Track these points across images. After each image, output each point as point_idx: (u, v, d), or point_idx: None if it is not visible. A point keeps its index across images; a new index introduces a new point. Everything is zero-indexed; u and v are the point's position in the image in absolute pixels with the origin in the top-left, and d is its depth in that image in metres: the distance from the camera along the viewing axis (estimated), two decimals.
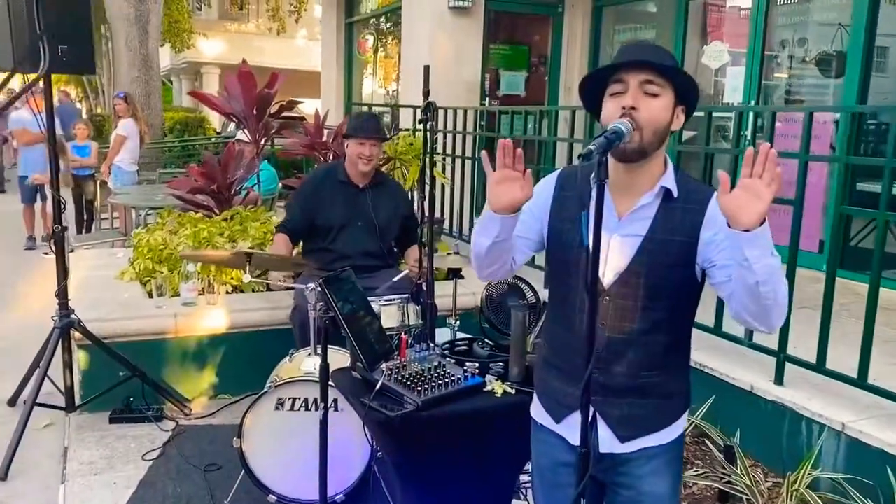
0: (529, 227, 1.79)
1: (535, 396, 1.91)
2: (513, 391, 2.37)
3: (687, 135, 6.39)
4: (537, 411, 1.89)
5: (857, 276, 4.77)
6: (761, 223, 1.42)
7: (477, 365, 2.51)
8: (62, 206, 3.72)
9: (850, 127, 3.44)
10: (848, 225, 5.12)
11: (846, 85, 5.51)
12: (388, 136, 4.06)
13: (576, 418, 1.73)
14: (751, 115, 4.72)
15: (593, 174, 1.43)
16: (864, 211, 3.93)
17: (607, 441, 1.73)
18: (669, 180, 1.67)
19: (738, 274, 1.49)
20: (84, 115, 17.22)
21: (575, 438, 1.72)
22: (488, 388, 2.40)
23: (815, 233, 5.48)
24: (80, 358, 3.84)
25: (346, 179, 3.84)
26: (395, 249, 4.02)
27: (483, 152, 1.65)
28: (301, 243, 3.98)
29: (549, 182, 1.82)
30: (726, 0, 6.86)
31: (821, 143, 5.24)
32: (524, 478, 2.82)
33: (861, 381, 3.01)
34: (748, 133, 4.95)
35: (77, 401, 3.84)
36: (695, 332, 1.83)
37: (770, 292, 1.47)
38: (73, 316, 3.73)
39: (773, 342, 3.26)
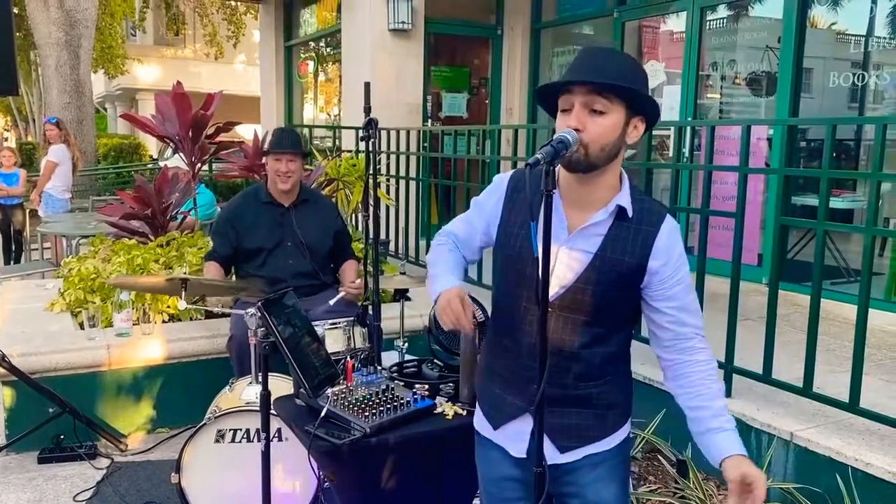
0: (479, 229, 1.80)
1: (476, 405, 1.86)
2: (464, 412, 2.31)
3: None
4: (479, 421, 1.85)
5: (794, 287, 4.88)
6: None
7: (426, 387, 2.44)
8: None
9: (786, 140, 3.52)
10: (784, 237, 5.26)
11: (777, 103, 5.68)
12: (306, 150, 3.97)
13: (514, 427, 1.73)
14: (688, 132, 4.82)
15: (542, 183, 1.40)
16: (804, 221, 4.02)
17: (547, 452, 1.68)
18: (625, 198, 1.63)
19: (695, 414, 1.68)
20: (12, 143, 16.63)
21: (514, 449, 1.74)
22: (439, 410, 2.33)
23: (753, 247, 5.61)
24: (5, 395, 3.62)
25: (270, 200, 3.76)
26: (332, 266, 3.92)
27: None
28: (235, 272, 3.85)
29: (501, 182, 1.78)
30: (660, 23, 7.04)
31: (756, 160, 5.38)
32: (477, 502, 2.75)
33: (807, 390, 3.04)
34: (686, 149, 5.04)
35: (1, 441, 3.62)
36: (642, 347, 1.81)
37: None
38: None
39: (720, 354, 3.28)
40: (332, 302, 3.31)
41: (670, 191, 3.62)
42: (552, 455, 1.69)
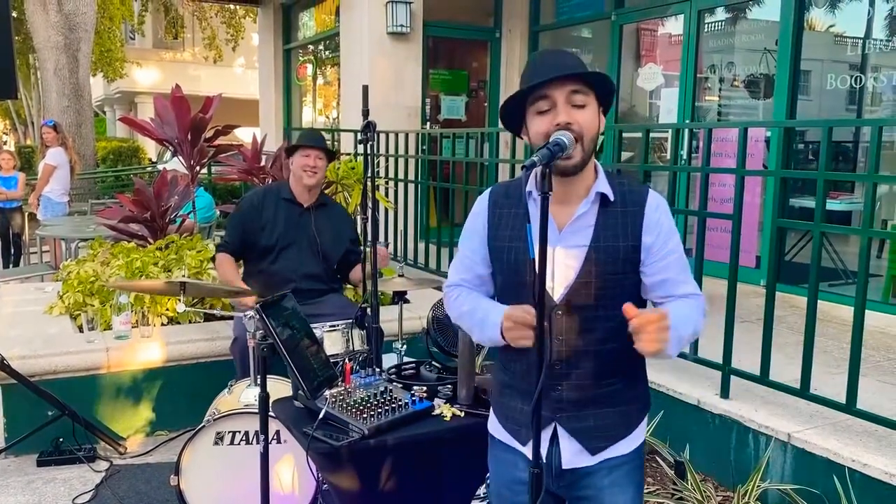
0: (479, 259, 1.77)
1: (492, 412, 1.86)
2: (462, 414, 2.32)
3: (625, 155, 6.52)
4: (496, 428, 1.83)
5: (792, 289, 4.89)
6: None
7: (425, 388, 2.45)
8: None
9: (783, 142, 3.53)
10: (782, 239, 5.28)
11: (775, 105, 5.70)
12: (332, 150, 3.99)
13: (542, 438, 1.70)
14: (686, 135, 4.83)
15: (534, 186, 1.41)
16: (801, 223, 4.03)
17: (571, 456, 1.69)
18: (603, 185, 1.65)
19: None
20: (11, 146, 16.63)
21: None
22: (437, 411, 2.33)
23: (751, 248, 5.63)
24: (4, 398, 3.63)
25: (291, 197, 3.75)
26: (338, 274, 3.93)
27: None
28: (243, 265, 3.84)
29: (481, 205, 1.79)
30: (658, 25, 7.06)
31: (753, 161, 5.40)
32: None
33: (804, 392, 3.05)
34: (684, 152, 5.05)
35: (0, 444, 3.62)
36: None
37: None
38: None
39: (717, 356, 3.29)
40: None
41: (668, 193, 3.63)
42: (577, 459, 1.69)
